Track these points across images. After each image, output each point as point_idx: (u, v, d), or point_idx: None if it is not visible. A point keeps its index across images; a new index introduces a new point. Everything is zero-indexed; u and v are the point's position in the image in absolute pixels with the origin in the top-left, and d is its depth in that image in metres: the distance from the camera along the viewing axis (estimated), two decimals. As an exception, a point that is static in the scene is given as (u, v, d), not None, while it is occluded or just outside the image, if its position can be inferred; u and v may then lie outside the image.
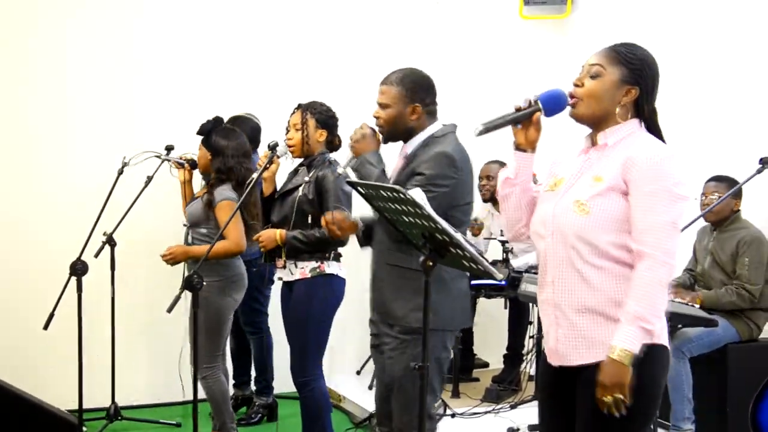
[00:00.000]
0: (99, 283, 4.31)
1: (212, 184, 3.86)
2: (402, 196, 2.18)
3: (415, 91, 2.90)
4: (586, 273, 2.15)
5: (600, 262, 2.14)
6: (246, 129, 4.35)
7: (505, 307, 5.23)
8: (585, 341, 2.16)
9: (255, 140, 4.52)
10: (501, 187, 2.39)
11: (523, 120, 2.26)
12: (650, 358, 2.10)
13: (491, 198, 5.23)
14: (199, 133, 4.01)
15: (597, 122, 2.24)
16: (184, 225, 3.97)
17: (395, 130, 2.93)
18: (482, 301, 5.37)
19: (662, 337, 2.16)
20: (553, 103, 2.22)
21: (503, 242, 4.97)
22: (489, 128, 2.22)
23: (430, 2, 5.76)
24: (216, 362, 3.87)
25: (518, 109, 2.25)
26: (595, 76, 2.21)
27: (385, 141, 2.98)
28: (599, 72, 2.21)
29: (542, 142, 2.31)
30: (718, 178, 4.30)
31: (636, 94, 2.20)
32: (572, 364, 2.19)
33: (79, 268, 3.95)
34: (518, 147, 2.32)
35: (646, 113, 2.21)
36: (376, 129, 2.98)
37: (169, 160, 4.21)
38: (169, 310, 3.23)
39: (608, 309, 2.13)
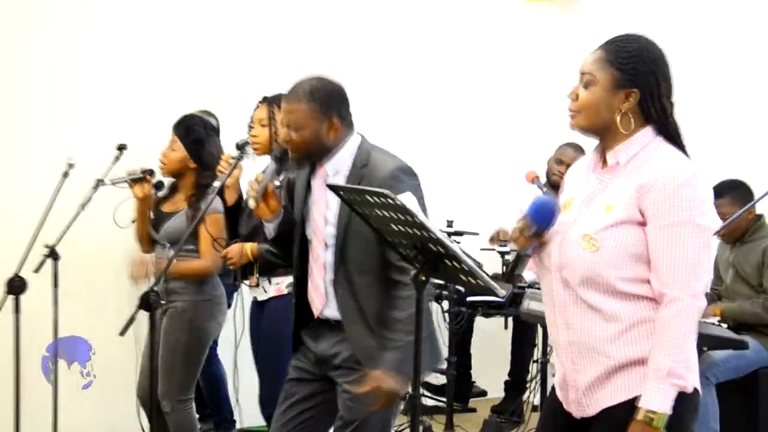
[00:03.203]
0: (39, 301, 4.27)
1: (195, 196, 3.86)
2: (391, 201, 2.17)
3: (329, 103, 2.78)
4: (604, 313, 2.13)
5: (614, 301, 2.13)
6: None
7: (506, 328, 5.24)
8: (610, 384, 2.15)
9: None
10: (537, 269, 2.39)
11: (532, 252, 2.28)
12: (681, 405, 2.08)
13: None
14: (189, 137, 3.92)
15: (601, 134, 2.22)
16: (161, 245, 3.94)
17: (309, 153, 2.82)
18: (480, 321, 5.38)
19: (694, 381, 2.14)
20: (547, 218, 2.22)
21: (502, 253, 4.98)
22: (513, 273, 2.35)
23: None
24: (189, 394, 3.87)
25: (527, 243, 2.25)
26: (587, 86, 2.19)
27: (298, 166, 2.91)
28: (591, 80, 2.19)
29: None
30: (719, 193, 4.19)
31: (637, 97, 2.16)
32: (594, 413, 2.18)
33: (16, 285, 3.91)
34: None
35: (654, 116, 2.17)
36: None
37: (119, 182, 4.01)
38: (122, 332, 3.20)
39: (632, 351, 2.12)
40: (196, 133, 3.91)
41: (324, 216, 2.84)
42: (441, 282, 5.04)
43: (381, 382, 2.60)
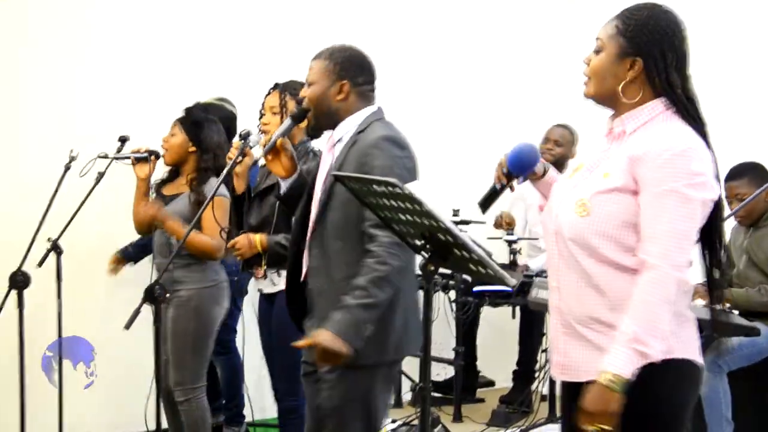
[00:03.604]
0: (43, 296, 4.26)
1: (197, 180, 3.86)
2: (398, 191, 2.15)
3: (345, 67, 2.81)
4: (592, 278, 2.15)
5: (604, 268, 2.13)
6: (219, 118, 4.32)
7: (514, 317, 5.22)
8: (593, 355, 2.14)
9: (229, 131, 4.43)
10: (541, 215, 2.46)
11: (505, 188, 2.43)
12: (672, 375, 2.10)
13: (554, 163, 5.23)
14: (188, 121, 3.95)
15: (609, 102, 2.24)
16: (161, 228, 3.93)
17: (319, 112, 2.84)
18: (487, 310, 5.37)
19: (683, 349, 2.13)
20: (519, 165, 2.41)
21: (510, 242, 4.96)
22: (485, 204, 2.50)
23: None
24: (202, 382, 3.88)
25: (498, 180, 2.44)
26: (598, 51, 2.23)
27: (313, 131, 2.93)
28: (600, 46, 2.23)
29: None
30: (737, 174, 4.24)
31: (641, 66, 2.17)
32: (578, 380, 2.17)
33: (19, 280, 3.90)
34: (531, 180, 2.48)
35: (659, 86, 2.16)
36: None
37: (124, 158, 4.07)
38: (127, 326, 3.16)
39: (619, 320, 2.10)
40: (194, 116, 3.94)
41: (324, 180, 2.85)
42: (448, 272, 5.03)
43: (320, 339, 2.57)
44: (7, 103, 4.78)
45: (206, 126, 3.92)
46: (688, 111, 2.17)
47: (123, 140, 4.26)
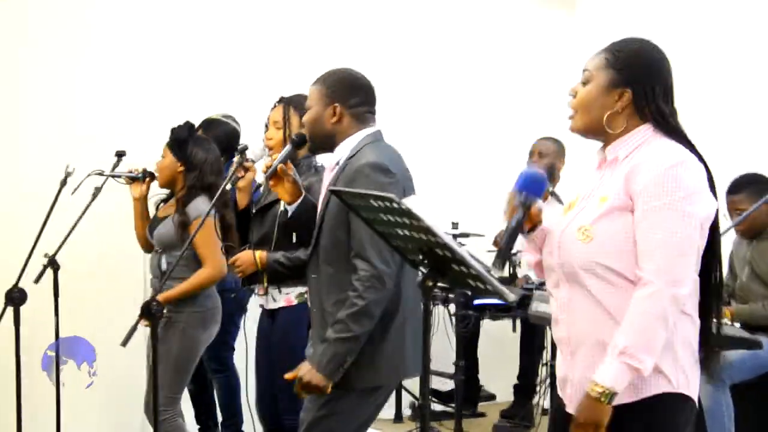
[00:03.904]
0: (40, 312, 4.23)
1: (182, 200, 3.83)
2: (395, 206, 2.14)
3: (337, 90, 2.86)
4: (604, 307, 2.13)
5: (616, 292, 2.12)
6: (219, 134, 4.30)
7: (514, 330, 5.20)
8: None
9: (231, 147, 4.38)
10: (538, 274, 2.43)
11: (525, 220, 2.30)
12: (663, 410, 2.09)
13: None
14: (172, 139, 3.94)
15: (595, 134, 2.25)
16: (156, 251, 3.92)
17: (314, 135, 2.91)
18: (487, 324, 5.35)
19: (693, 389, 2.13)
20: (535, 186, 2.29)
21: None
22: (503, 257, 2.27)
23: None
24: (176, 405, 3.86)
25: (517, 219, 2.28)
26: (585, 83, 2.25)
27: (313, 151, 3.02)
28: (588, 78, 2.25)
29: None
30: (738, 187, 4.24)
31: (630, 97, 2.19)
32: None
33: (16, 297, 3.86)
34: (528, 231, 2.36)
35: (649, 116, 2.19)
36: None
37: (117, 176, 4.07)
38: (124, 343, 3.17)
39: None
40: (177, 134, 3.92)
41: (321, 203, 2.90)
42: (446, 285, 5.02)
43: (301, 372, 2.72)
44: (4, 118, 4.77)
45: (191, 143, 3.88)
46: (680, 135, 2.18)
47: (120, 155, 4.25)
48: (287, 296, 3.52)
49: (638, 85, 2.19)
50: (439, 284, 2.32)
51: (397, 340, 2.77)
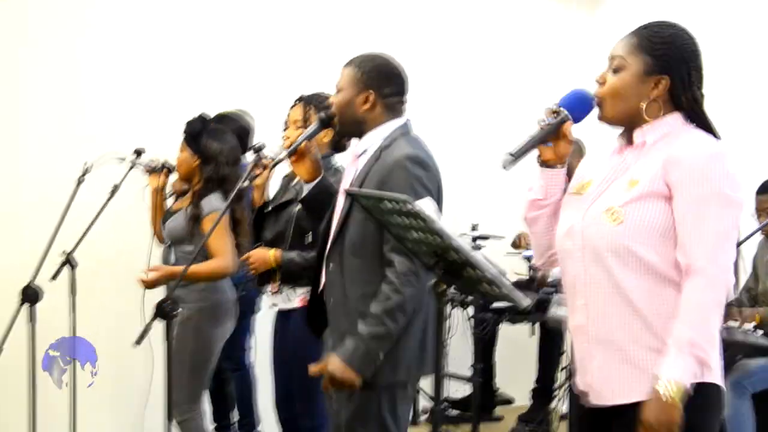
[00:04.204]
0: (56, 310, 4.22)
1: (198, 193, 3.82)
2: (409, 207, 2.10)
3: (372, 77, 2.79)
4: (626, 293, 2.08)
5: (641, 279, 2.07)
6: (230, 130, 4.28)
7: (532, 334, 5.16)
8: (627, 375, 2.09)
9: (243, 144, 4.40)
10: (527, 210, 2.36)
11: (552, 135, 2.22)
12: (702, 400, 2.03)
13: None
14: (186, 133, 3.93)
15: (630, 123, 2.19)
16: (166, 244, 3.91)
17: (343, 120, 2.83)
18: (505, 328, 5.31)
19: (716, 374, 2.08)
20: (579, 106, 2.21)
21: (528, 257, 4.89)
22: (518, 156, 2.19)
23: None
24: (198, 403, 3.84)
25: (543, 125, 2.22)
26: (617, 70, 2.16)
27: (339, 135, 2.98)
28: (621, 65, 2.16)
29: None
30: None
31: (667, 84, 2.13)
32: (611, 403, 2.12)
33: (31, 294, 3.87)
34: (545, 163, 2.28)
35: (685, 104, 2.14)
36: None
37: (139, 165, 4.11)
38: (138, 342, 3.16)
39: (654, 337, 2.06)
40: (192, 127, 3.90)
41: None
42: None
43: (331, 367, 2.61)
44: (20, 116, 4.78)
45: (204, 135, 3.87)
46: (708, 126, 2.15)
47: (138, 153, 4.26)
48: (302, 296, 3.49)
49: (676, 71, 2.12)
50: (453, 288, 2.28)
51: (419, 336, 2.71)
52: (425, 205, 2.11)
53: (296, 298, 3.50)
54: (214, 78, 5.10)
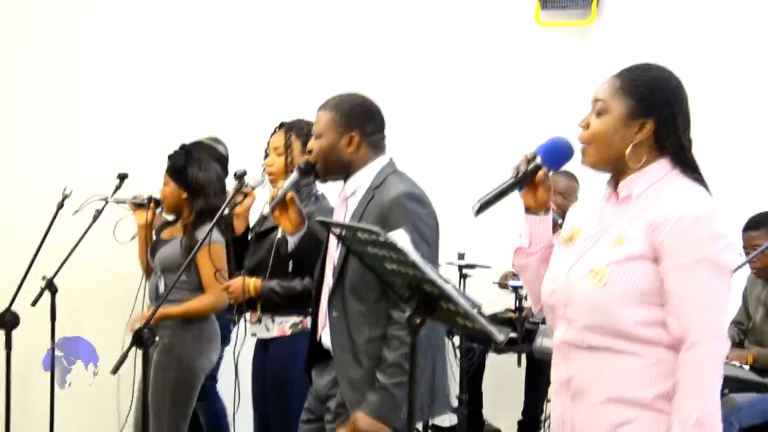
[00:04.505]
0: (35, 336, 4.18)
1: (191, 224, 3.79)
2: (381, 239, 2.06)
3: (353, 117, 2.77)
4: (610, 357, 2.02)
5: (626, 344, 2.01)
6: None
7: (519, 365, 5.10)
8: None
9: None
10: (514, 257, 2.32)
11: (526, 183, 2.19)
12: None
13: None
14: (171, 167, 3.89)
15: (614, 168, 2.13)
16: (154, 273, 3.86)
17: (329, 165, 2.80)
18: (492, 357, 5.25)
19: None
20: (556, 154, 2.17)
21: (516, 288, 4.84)
22: (486, 204, 2.19)
23: (429, 10, 5.70)
24: None
25: (517, 173, 2.19)
26: (600, 114, 2.10)
27: (322, 179, 2.90)
28: (603, 108, 2.10)
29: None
30: (756, 224, 4.17)
31: (651, 128, 2.06)
32: None
33: (8, 320, 3.83)
34: (528, 210, 2.25)
35: (670, 149, 2.07)
36: None
37: (122, 202, 4.05)
38: (114, 371, 3.12)
39: (642, 397, 2.01)
40: (176, 161, 3.87)
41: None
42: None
43: (359, 423, 2.57)
44: (3, 138, 4.76)
45: (189, 168, 3.84)
46: (698, 172, 2.08)
47: (122, 178, 4.23)
48: (281, 326, 3.45)
49: (660, 115, 2.06)
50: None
51: (429, 374, 2.68)
52: (399, 237, 2.06)
53: (275, 327, 3.46)
54: (201, 102, 5.08)
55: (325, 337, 2.83)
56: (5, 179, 4.75)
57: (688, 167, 2.07)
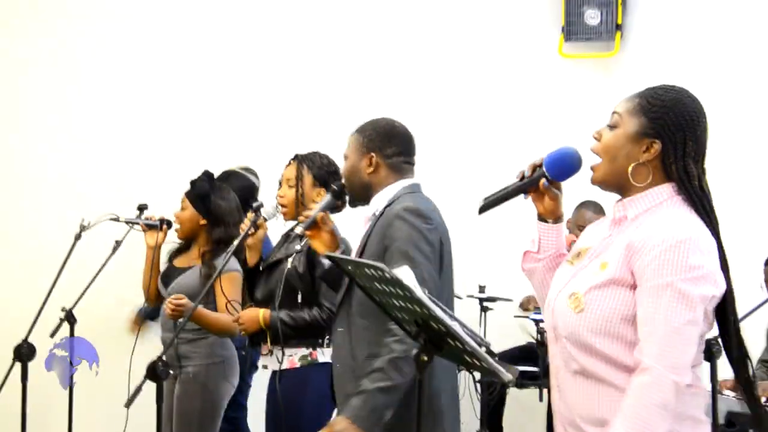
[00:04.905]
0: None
1: (209, 253, 3.80)
2: (386, 275, 2.04)
3: (373, 139, 2.81)
4: (593, 379, 2.00)
5: (605, 366, 1.98)
6: (235, 188, 4.26)
7: (541, 400, 5.03)
8: None
9: (246, 202, 4.36)
10: (522, 260, 2.31)
11: (531, 189, 2.19)
12: None
13: None
14: (194, 193, 3.90)
15: (619, 186, 2.09)
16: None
17: (353, 186, 2.87)
18: (513, 392, 5.19)
19: None
20: (561, 165, 2.16)
21: (537, 321, 4.78)
22: (489, 204, 2.22)
23: (453, 42, 5.70)
24: None
25: (522, 178, 2.18)
26: (613, 127, 2.09)
27: (351, 202, 2.95)
28: (617, 122, 2.08)
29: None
30: None
31: (659, 149, 2.03)
32: None
33: (24, 352, 3.82)
34: (539, 216, 2.25)
35: (675, 175, 2.03)
36: None
37: (135, 223, 4.07)
38: (128, 404, 3.11)
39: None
40: (199, 188, 3.89)
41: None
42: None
43: (336, 426, 2.51)
44: (21, 171, 4.80)
45: (213, 197, 3.85)
46: (702, 203, 2.02)
47: (141, 209, 4.23)
48: (290, 358, 3.45)
49: (669, 137, 2.02)
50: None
51: (429, 412, 2.64)
52: (403, 274, 2.03)
53: (284, 359, 3.45)
54: (217, 133, 5.10)
55: (329, 353, 2.82)
56: (24, 211, 4.79)
57: (692, 196, 2.02)
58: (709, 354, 2.64)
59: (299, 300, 3.42)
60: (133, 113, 5.02)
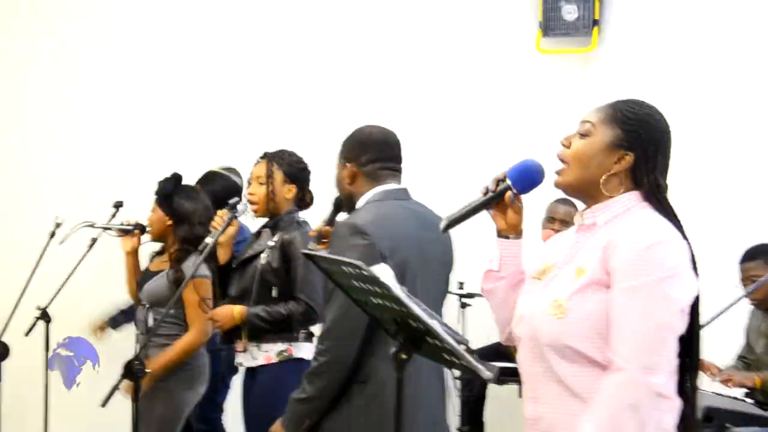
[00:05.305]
0: (28, 367, 4.15)
1: (176, 256, 3.76)
2: (364, 273, 2.03)
3: (348, 149, 2.83)
4: (573, 388, 1.97)
5: (586, 374, 1.95)
6: (217, 188, 4.24)
7: (520, 396, 5.03)
8: None
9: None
10: (483, 281, 2.26)
11: (494, 204, 2.15)
12: None
13: None
14: (158, 194, 3.88)
15: (585, 194, 2.09)
16: (143, 305, 3.83)
17: (342, 197, 2.89)
18: (493, 388, 5.20)
19: None
20: (525, 177, 2.13)
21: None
22: (453, 221, 2.17)
23: (430, 37, 5.69)
24: None
25: (486, 192, 2.14)
26: (584, 136, 2.06)
27: (349, 211, 2.93)
28: (589, 131, 2.06)
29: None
30: (752, 255, 4.13)
31: (630, 161, 2.03)
32: None
33: (-1, 351, 3.81)
34: (500, 233, 2.20)
35: (645, 186, 2.03)
36: None
37: (108, 229, 4.04)
38: (104, 403, 3.13)
39: None
40: (163, 188, 3.86)
41: None
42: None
43: (273, 428, 2.79)
44: (14, 168, 4.76)
45: (175, 197, 3.82)
46: (669, 210, 2.03)
47: (117, 206, 4.22)
48: (267, 354, 3.44)
49: (643, 151, 2.03)
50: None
51: (373, 412, 2.64)
52: (381, 272, 2.02)
53: (261, 355, 3.46)
54: (199, 132, 5.08)
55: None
56: (24, 211, 4.77)
57: (660, 205, 2.03)
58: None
59: (274, 295, 3.42)
60: (133, 113, 4.98)
